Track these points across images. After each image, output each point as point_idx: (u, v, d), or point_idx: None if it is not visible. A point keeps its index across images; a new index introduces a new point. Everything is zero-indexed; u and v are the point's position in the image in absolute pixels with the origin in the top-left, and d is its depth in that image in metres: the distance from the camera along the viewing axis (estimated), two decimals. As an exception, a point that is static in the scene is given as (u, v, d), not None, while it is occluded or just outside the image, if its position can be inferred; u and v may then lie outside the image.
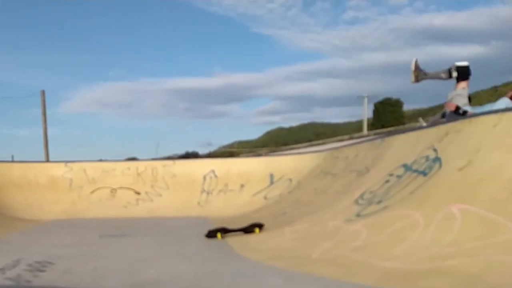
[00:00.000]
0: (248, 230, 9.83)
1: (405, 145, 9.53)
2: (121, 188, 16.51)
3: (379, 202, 7.99)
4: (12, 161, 20.27)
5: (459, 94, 9.83)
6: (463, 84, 9.89)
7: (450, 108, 9.80)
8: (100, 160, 19.34)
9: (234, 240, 9.05)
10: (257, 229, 9.83)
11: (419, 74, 10.31)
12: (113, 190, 16.43)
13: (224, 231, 9.72)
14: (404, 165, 8.56)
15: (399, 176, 8.39)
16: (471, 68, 9.95)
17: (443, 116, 10.00)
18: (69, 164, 17.03)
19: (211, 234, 9.63)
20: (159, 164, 17.68)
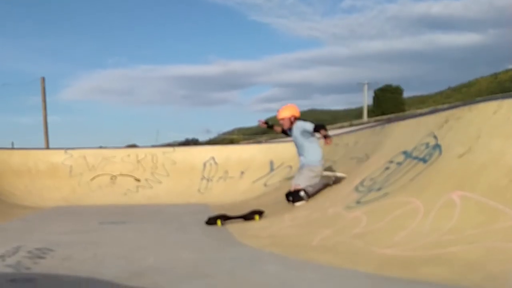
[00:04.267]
0: (248, 217, 9.83)
1: (405, 132, 9.52)
2: (121, 175, 16.53)
3: (379, 189, 8.00)
4: (12, 148, 20.25)
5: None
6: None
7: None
8: (100, 147, 19.34)
9: (234, 227, 9.05)
10: (257, 216, 9.83)
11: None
12: (113, 177, 16.45)
13: (224, 218, 9.73)
14: (404, 152, 8.55)
15: (399, 163, 8.39)
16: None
17: None
18: (69, 151, 17.03)
19: (211, 221, 9.64)
20: (159, 151, 17.69)
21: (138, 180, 16.40)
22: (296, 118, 10.83)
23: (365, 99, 73.81)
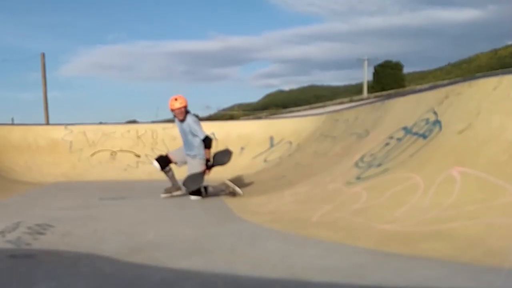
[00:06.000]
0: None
1: (405, 108, 9.50)
2: (121, 151, 16.55)
3: (379, 165, 7.99)
4: (12, 124, 20.24)
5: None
6: None
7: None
8: (100, 123, 19.34)
9: (234, 203, 9.08)
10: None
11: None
12: (113, 153, 16.47)
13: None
14: (404, 128, 8.54)
15: (399, 139, 8.38)
16: None
17: None
18: (69, 127, 17.04)
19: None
20: (159, 127, 17.70)
21: (138, 156, 16.41)
22: (186, 109, 10.65)
23: (365, 75, 73.75)
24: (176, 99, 10.44)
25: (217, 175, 11.48)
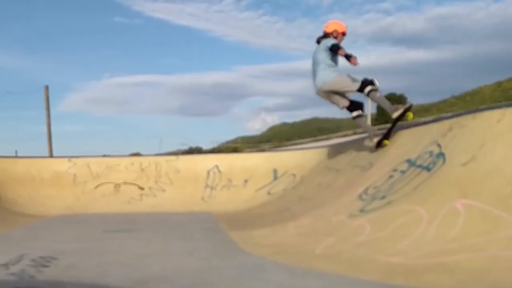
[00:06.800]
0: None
1: (409, 140, 9.52)
2: (125, 183, 16.52)
3: (383, 197, 7.99)
4: (16, 156, 20.28)
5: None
6: None
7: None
8: (104, 156, 19.37)
9: (237, 235, 9.06)
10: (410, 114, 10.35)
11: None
12: (117, 185, 16.45)
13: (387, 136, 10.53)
14: (408, 160, 8.55)
15: (403, 172, 8.39)
16: None
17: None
18: (73, 160, 17.04)
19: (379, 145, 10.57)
20: (162, 159, 17.69)
21: (142, 189, 16.40)
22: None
23: (369, 107, 73.69)
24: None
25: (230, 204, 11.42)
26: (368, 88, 10.26)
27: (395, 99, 74.51)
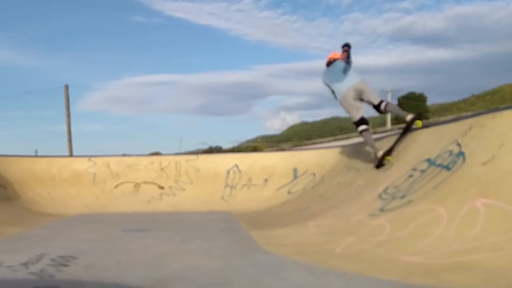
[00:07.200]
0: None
1: (429, 140, 9.47)
2: (144, 182, 16.61)
3: (402, 196, 7.97)
4: (36, 156, 20.43)
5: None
6: None
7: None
8: (124, 155, 19.47)
9: (258, 235, 9.07)
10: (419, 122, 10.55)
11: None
12: (137, 185, 16.55)
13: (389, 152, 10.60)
14: (428, 160, 8.52)
15: (422, 171, 8.35)
16: None
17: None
18: (93, 159, 17.18)
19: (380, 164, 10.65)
20: (182, 158, 17.76)
21: (161, 188, 16.47)
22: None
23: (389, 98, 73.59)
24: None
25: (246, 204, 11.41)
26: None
27: (415, 98, 74.24)
